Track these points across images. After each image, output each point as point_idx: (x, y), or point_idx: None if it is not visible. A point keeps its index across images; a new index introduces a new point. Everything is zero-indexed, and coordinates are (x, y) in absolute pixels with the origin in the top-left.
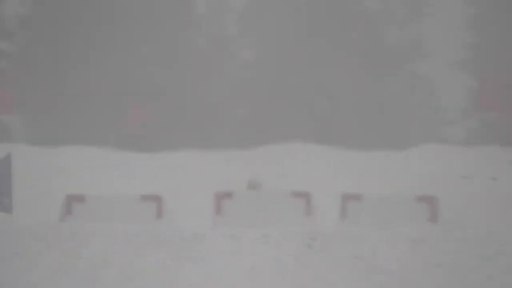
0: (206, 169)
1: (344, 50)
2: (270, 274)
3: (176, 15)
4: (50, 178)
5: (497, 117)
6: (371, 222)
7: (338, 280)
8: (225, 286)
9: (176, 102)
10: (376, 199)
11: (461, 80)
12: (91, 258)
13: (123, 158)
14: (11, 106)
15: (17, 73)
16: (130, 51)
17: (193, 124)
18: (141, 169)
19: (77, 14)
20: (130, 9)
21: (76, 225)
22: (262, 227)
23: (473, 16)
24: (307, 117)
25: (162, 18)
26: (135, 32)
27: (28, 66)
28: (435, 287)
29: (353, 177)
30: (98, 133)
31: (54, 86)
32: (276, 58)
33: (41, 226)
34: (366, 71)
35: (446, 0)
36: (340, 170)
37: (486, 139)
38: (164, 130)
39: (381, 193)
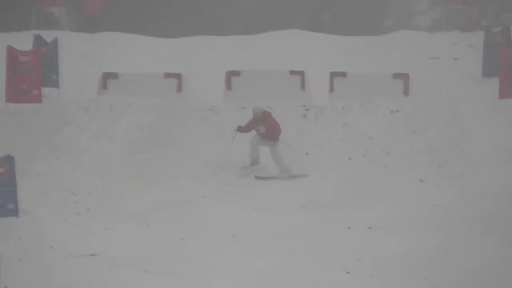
0: (218, 52)
1: None
2: None
3: None
4: (89, 59)
5: (459, 7)
6: (355, 95)
7: (329, 143)
8: (237, 148)
9: None
10: (359, 76)
11: None
12: (126, 125)
13: (149, 42)
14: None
15: None
16: None
17: (207, 13)
18: (164, 52)
19: None
20: None
21: (112, 99)
22: (265, 100)
23: None
24: (303, 9)
25: None
26: None
27: None
28: (409, 148)
29: (339, 58)
30: (128, 22)
31: None
32: None
33: (83, 100)
34: None
35: None
36: (328, 52)
37: (450, 26)
38: (183, 19)
39: (362, 71)
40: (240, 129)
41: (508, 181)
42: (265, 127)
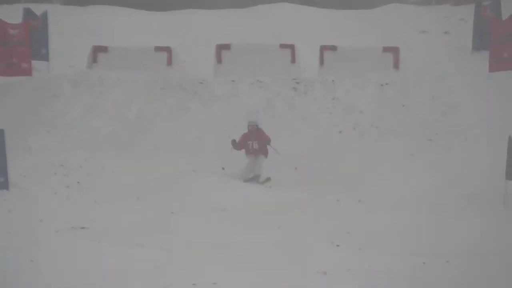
0: (208, 25)
1: None
2: (263, 112)
3: None
4: (79, 32)
5: None
6: (345, 69)
7: (319, 117)
8: (228, 121)
9: None
10: (349, 50)
11: None
12: (116, 100)
13: (139, 16)
14: None
15: None
16: None
17: None
18: (154, 25)
19: None
20: None
21: (102, 72)
22: (256, 74)
23: None
24: None
25: None
26: None
27: None
28: (399, 121)
29: (329, 32)
30: None
31: None
32: None
33: (73, 73)
34: None
35: None
36: (318, 25)
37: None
38: None
39: (353, 45)
40: (235, 144)
41: (497, 155)
42: (257, 142)
